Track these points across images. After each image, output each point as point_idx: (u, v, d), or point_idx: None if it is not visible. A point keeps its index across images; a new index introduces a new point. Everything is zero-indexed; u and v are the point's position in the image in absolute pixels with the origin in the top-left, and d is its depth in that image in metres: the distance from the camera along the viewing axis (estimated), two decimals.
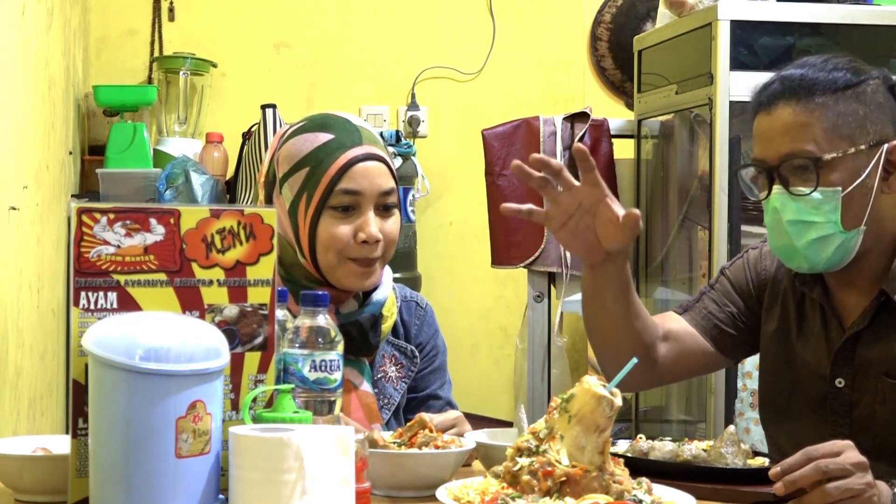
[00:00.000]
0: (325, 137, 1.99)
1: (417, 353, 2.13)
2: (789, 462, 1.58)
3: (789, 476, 1.57)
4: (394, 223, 2.02)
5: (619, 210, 1.84)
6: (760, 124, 1.92)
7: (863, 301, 1.92)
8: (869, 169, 1.86)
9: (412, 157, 4.03)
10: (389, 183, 2.01)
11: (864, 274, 1.92)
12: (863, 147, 1.86)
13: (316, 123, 2.03)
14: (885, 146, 1.87)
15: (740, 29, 3.16)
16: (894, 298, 1.89)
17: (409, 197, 4.02)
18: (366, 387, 2.03)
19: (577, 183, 1.84)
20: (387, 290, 2.08)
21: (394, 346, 2.11)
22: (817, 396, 1.94)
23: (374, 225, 1.98)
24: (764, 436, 2.14)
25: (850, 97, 1.87)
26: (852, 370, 1.92)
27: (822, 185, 1.84)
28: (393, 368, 2.10)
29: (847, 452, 1.60)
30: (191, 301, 1.49)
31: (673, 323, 2.09)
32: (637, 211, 1.83)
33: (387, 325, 2.07)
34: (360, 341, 2.01)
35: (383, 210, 2.01)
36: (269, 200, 2.04)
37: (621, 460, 1.56)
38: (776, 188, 1.87)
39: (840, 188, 1.85)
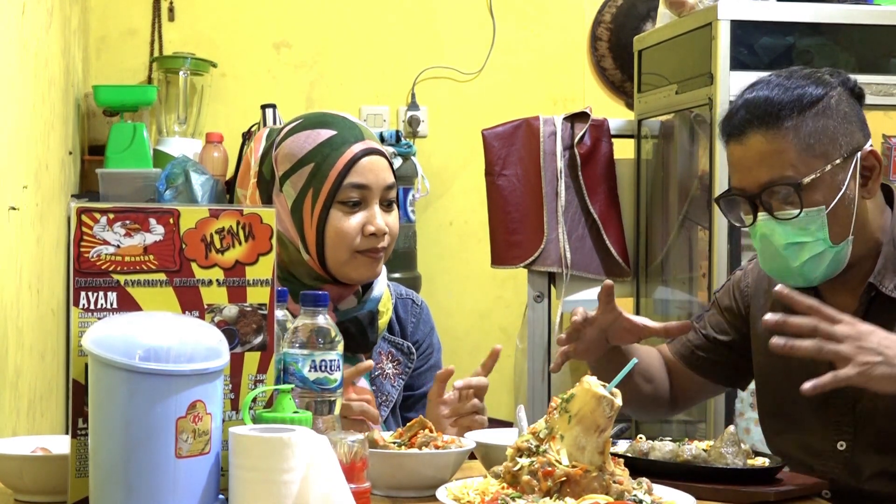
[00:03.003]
0: (327, 133, 1.99)
1: (414, 350, 2.14)
2: (794, 316, 1.72)
3: (784, 316, 1.72)
4: (395, 218, 2.05)
5: (637, 319, 1.99)
6: (734, 153, 1.92)
7: (854, 298, 1.94)
8: (847, 181, 1.88)
9: (412, 157, 4.03)
10: (391, 177, 2.04)
11: (854, 275, 1.94)
12: (838, 161, 1.87)
13: (314, 121, 2.03)
14: (859, 154, 1.89)
15: (740, 29, 3.16)
16: (882, 290, 1.91)
17: (409, 197, 4.01)
18: (363, 383, 2.03)
19: (591, 314, 1.99)
20: (382, 286, 2.09)
21: (390, 344, 2.12)
22: (819, 398, 1.94)
23: (380, 218, 2.00)
24: (765, 438, 2.15)
25: (818, 114, 1.87)
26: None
27: (806, 207, 1.85)
28: (390, 365, 2.11)
29: (844, 325, 1.70)
30: (190, 301, 1.49)
31: (654, 360, 2.17)
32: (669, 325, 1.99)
33: (383, 322, 2.08)
34: (359, 338, 2.01)
35: (386, 205, 2.03)
36: (265, 201, 2.04)
37: (621, 460, 1.56)
38: (761, 215, 1.89)
39: (823, 206, 1.86)
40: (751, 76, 3.10)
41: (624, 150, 3.78)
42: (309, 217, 1.98)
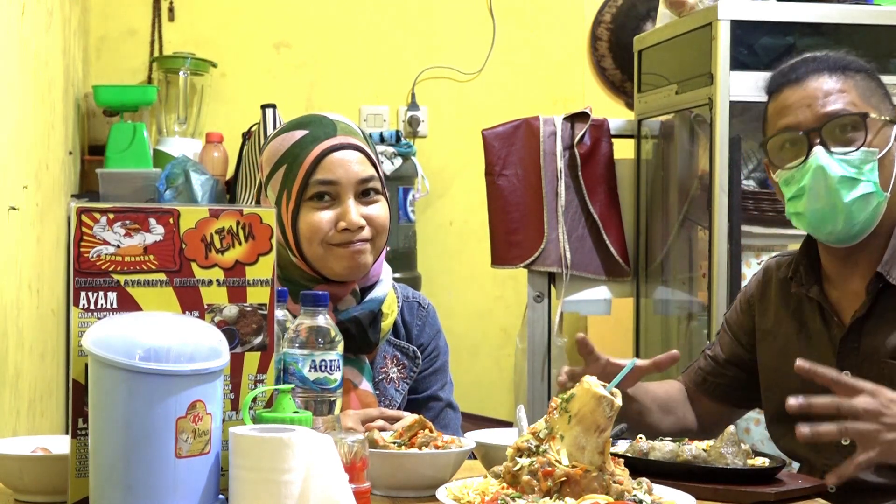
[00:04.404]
0: (300, 134, 2.00)
1: (419, 354, 2.13)
2: (816, 398, 1.74)
3: (807, 401, 1.72)
4: (379, 209, 2.01)
5: (625, 362, 1.94)
6: (791, 95, 1.98)
7: (861, 291, 1.97)
8: (892, 139, 1.95)
9: (412, 157, 4.03)
10: (368, 170, 2.00)
11: (863, 260, 1.98)
12: (887, 118, 1.96)
13: (294, 123, 2.05)
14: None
15: (740, 29, 3.16)
16: (890, 280, 1.94)
17: (409, 197, 4.01)
18: (365, 385, 2.03)
19: (577, 370, 1.97)
20: (386, 287, 2.08)
21: (395, 347, 2.11)
22: (825, 394, 1.96)
23: (354, 212, 1.97)
24: (767, 437, 2.16)
25: (869, 76, 1.99)
26: (858, 359, 1.96)
27: (865, 145, 1.92)
28: (394, 369, 2.10)
29: (865, 397, 1.71)
30: (190, 301, 1.49)
31: (674, 392, 2.20)
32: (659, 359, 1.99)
33: (387, 323, 2.07)
34: (360, 338, 2.00)
35: (364, 196, 2.00)
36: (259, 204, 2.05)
37: (621, 460, 1.56)
38: (817, 149, 1.93)
39: (877, 150, 1.93)
40: (751, 76, 3.13)
41: (624, 150, 3.78)
42: (286, 217, 1.99)
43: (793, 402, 1.74)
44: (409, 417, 1.86)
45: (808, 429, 1.72)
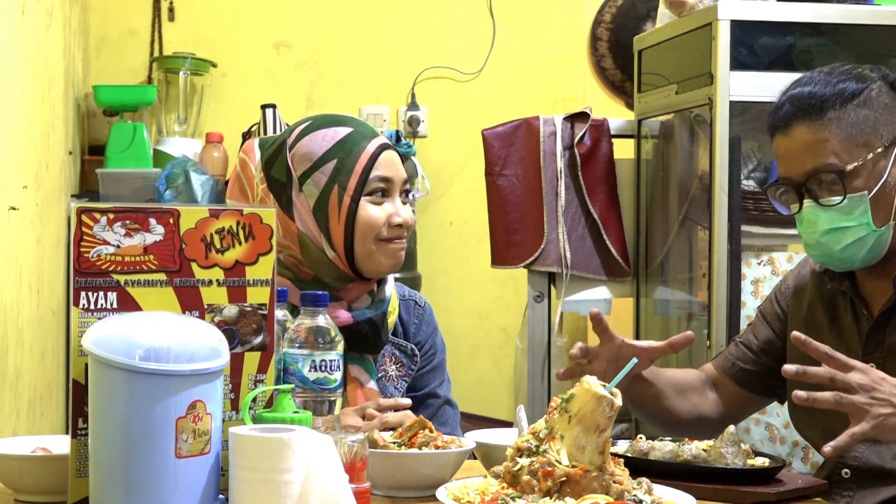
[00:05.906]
0: (344, 131, 2.01)
1: (417, 352, 2.13)
2: (811, 367, 1.76)
3: (802, 367, 1.75)
4: (411, 210, 2.09)
5: (642, 343, 2.03)
6: (780, 145, 2.00)
7: (889, 285, 2.00)
8: (889, 168, 1.95)
9: (412, 157, 4.03)
10: (405, 172, 2.08)
11: (893, 263, 2.00)
12: (880, 150, 1.94)
13: (326, 121, 2.05)
14: None
15: (740, 29, 3.16)
16: None
17: (409, 197, 4.01)
18: (372, 385, 2.03)
19: (591, 347, 2.03)
20: (391, 286, 2.10)
21: (394, 345, 2.12)
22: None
23: (403, 210, 2.04)
24: (767, 437, 2.17)
25: (859, 105, 1.95)
26: (883, 353, 1.99)
27: (849, 193, 1.93)
28: (393, 367, 2.10)
29: (857, 373, 1.73)
30: (190, 301, 1.49)
31: (691, 378, 2.20)
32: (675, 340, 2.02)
33: (390, 322, 2.08)
34: (372, 339, 2.02)
35: (405, 197, 2.07)
36: (282, 204, 2.01)
37: (621, 460, 1.56)
38: (806, 202, 1.97)
39: (866, 192, 1.94)
40: (751, 76, 3.13)
41: (624, 150, 3.78)
42: (336, 212, 1.98)
43: (788, 368, 1.77)
44: (404, 412, 1.87)
45: (805, 393, 1.74)
